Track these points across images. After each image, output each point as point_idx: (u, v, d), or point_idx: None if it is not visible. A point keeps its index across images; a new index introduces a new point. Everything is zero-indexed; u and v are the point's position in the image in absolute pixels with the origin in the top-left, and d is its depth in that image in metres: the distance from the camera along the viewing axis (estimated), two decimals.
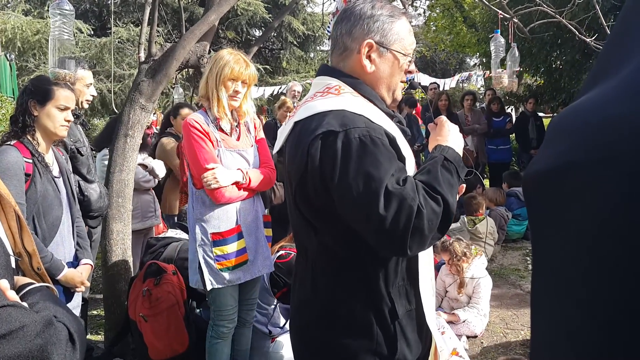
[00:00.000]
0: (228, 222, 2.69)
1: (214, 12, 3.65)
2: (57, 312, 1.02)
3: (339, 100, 1.47)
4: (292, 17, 12.29)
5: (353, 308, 1.47)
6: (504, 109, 8.54)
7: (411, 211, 1.30)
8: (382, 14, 1.52)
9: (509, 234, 6.24)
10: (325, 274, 1.51)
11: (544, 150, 0.61)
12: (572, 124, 0.58)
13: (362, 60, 1.53)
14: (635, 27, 0.59)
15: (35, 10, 10.77)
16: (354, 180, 1.33)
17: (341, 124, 1.38)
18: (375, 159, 1.35)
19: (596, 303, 0.51)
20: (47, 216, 2.46)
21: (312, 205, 1.47)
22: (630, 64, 0.55)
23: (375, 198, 1.31)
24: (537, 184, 0.61)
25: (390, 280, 1.48)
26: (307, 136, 1.43)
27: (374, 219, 1.31)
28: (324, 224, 1.48)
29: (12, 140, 2.45)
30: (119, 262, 3.47)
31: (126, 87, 8.84)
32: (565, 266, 0.56)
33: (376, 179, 1.32)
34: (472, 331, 3.80)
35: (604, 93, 0.56)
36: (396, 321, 1.47)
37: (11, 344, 0.88)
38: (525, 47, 8.06)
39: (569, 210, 0.55)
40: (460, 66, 22.22)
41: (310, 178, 1.41)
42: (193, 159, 2.65)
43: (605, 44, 0.64)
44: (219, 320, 2.79)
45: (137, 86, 3.51)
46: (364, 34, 1.51)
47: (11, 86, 7.13)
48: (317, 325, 1.53)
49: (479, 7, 11.64)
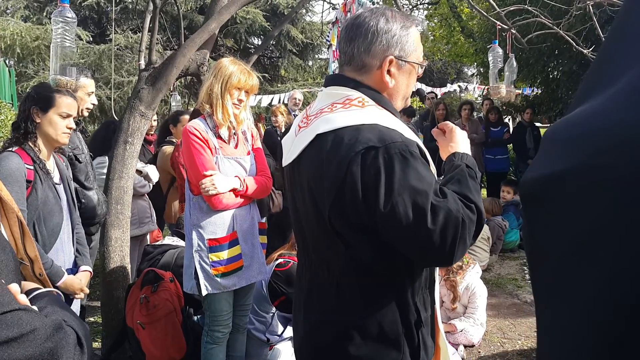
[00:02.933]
0: (224, 228, 2.72)
1: (214, 20, 3.66)
2: (65, 317, 1.04)
3: (367, 113, 1.44)
4: (291, 26, 12.33)
5: (382, 321, 1.46)
6: (501, 119, 8.57)
7: (458, 223, 1.33)
8: (397, 27, 1.50)
9: (505, 244, 6.26)
10: (352, 289, 1.49)
11: (540, 159, 0.62)
12: (567, 134, 0.59)
13: (384, 76, 1.51)
14: (625, 42, 0.61)
15: (35, 16, 10.78)
16: (400, 197, 1.33)
17: (379, 139, 1.37)
18: (418, 173, 1.35)
19: (597, 308, 0.52)
20: (48, 222, 2.47)
21: (348, 220, 1.43)
22: (623, 77, 0.57)
23: (423, 213, 1.32)
24: (534, 190, 0.62)
25: (416, 291, 1.50)
26: (344, 151, 1.39)
27: (423, 233, 1.32)
28: (358, 240, 1.45)
29: (14, 146, 2.46)
30: (117, 269, 3.47)
31: (125, 94, 8.85)
32: (562, 272, 0.57)
33: (422, 194, 1.33)
34: (470, 340, 3.80)
35: (597, 105, 0.57)
36: (420, 330, 1.49)
37: (22, 347, 0.89)
38: (523, 58, 8.12)
39: (567, 216, 0.56)
40: (458, 76, 22.30)
41: (349, 194, 1.38)
42: (192, 165, 2.68)
43: (596, 58, 0.65)
44: (214, 326, 2.81)
45: (137, 93, 3.52)
46: (383, 50, 1.49)
47: (10, 92, 7.13)
48: (344, 340, 1.49)
49: (477, 17, 11.71)
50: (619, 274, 0.49)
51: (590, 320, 0.52)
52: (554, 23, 4.74)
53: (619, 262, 0.49)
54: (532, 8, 4.79)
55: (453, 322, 3.82)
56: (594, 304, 0.52)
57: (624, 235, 0.49)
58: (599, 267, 0.51)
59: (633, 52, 0.58)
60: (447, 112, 8.08)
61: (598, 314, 0.52)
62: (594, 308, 0.52)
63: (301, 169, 1.56)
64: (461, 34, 14.56)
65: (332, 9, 7.09)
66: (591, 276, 0.52)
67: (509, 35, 4.74)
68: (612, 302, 0.50)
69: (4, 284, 0.96)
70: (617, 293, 0.50)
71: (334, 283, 1.51)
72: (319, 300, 1.56)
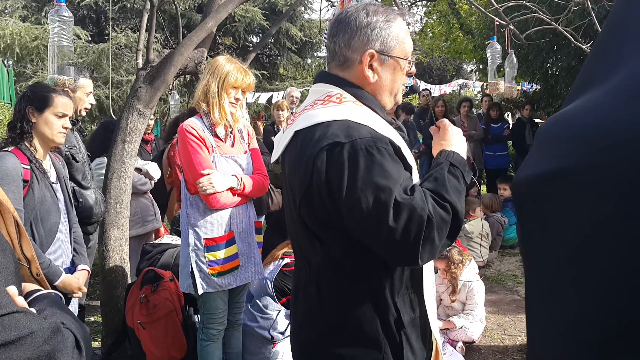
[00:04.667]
0: (221, 227, 2.73)
1: (212, 18, 3.66)
2: (64, 319, 1.03)
3: (342, 109, 1.44)
4: (290, 24, 12.32)
5: (360, 320, 1.45)
6: (502, 116, 8.57)
7: (422, 221, 1.30)
8: (378, 20, 1.48)
9: (505, 240, 6.25)
10: (330, 287, 1.48)
11: (534, 156, 0.61)
12: (564, 130, 0.57)
13: (364, 71, 1.49)
14: (621, 36, 0.60)
15: (33, 16, 10.76)
16: (363, 192, 1.31)
17: (346, 135, 1.35)
18: (383, 169, 1.33)
19: (590, 303, 0.52)
20: (45, 222, 2.46)
21: (318, 217, 1.43)
22: (620, 71, 0.55)
23: (385, 210, 1.29)
24: (529, 189, 0.61)
25: (395, 290, 1.46)
26: (311, 147, 1.39)
27: (384, 231, 1.30)
28: (330, 236, 1.45)
29: (10, 146, 2.45)
30: (116, 268, 3.46)
31: (124, 94, 8.83)
32: (557, 269, 0.56)
33: (385, 190, 1.30)
34: (469, 337, 3.79)
35: (595, 100, 0.56)
36: (402, 330, 1.46)
37: (20, 350, 0.89)
38: (522, 54, 8.11)
39: (563, 217, 0.55)
40: (458, 72, 22.28)
41: (316, 191, 1.38)
42: (188, 164, 2.68)
43: (591, 52, 0.64)
44: (209, 323, 2.83)
45: (135, 92, 3.51)
46: (363, 44, 1.48)
47: (9, 92, 7.13)
48: (325, 339, 1.49)
49: (476, 14, 11.70)
50: (619, 271, 0.49)
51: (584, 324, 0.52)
52: (553, 19, 4.73)
53: (618, 258, 0.49)
54: (531, 4, 4.79)
55: (451, 319, 3.81)
56: (587, 308, 0.52)
57: (622, 240, 0.49)
58: (598, 265, 0.51)
59: (631, 42, 0.57)
60: (446, 109, 8.08)
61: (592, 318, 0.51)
62: (588, 311, 0.52)
63: (284, 166, 1.58)
64: (460, 31, 14.54)
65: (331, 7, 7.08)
66: (587, 282, 0.52)
67: (507, 31, 4.73)
68: (606, 306, 0.50)
69: (2, 287, 0.96)
70: (613, 298, 0.49)
71: (314, 281, 1.51)
72: (304, 299, 1.56)
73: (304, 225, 1.48)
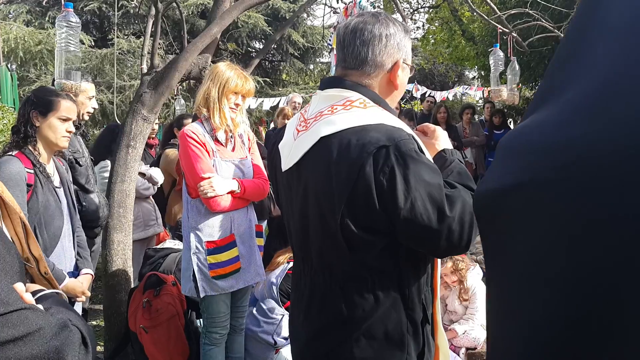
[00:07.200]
0: (222, 230, 2.76)
1: (216, 24, 3.67)
2: (70, 316, 1.04)
3: (371, 114, 1.45)
4: (292, 30, 12.34)
5: (387, 323, 1.46)
6: (505, 122, 8.59)
7: (471, 210, 1.37)
8: (400, 31, 1.54)
9: None
10: (358, 293, 1.47)
11: (495, 169, 0.62)
12: (524, 144, 0.58)
13: (394, 79, 1.55)
14: (579, 48, 0.60)
15: (37, 20, 10.82)
16: (417, 192, 1.35)
17: (388, 138, 1.38)
18: (428, 167, 1.40)
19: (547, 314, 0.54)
20: (49, 226, 2.47)
21: (359, 223, 1.42)
22: (577, 85, 0.55)
23: (442, 203, 1.37)
24: (489, 202, 0.61)
25: (421, 290, 1.50)
26: (355, 153, 1.38)
27: (445, 224, 1.36)
28: (366, 241, 1.44)
29: (14, 150, 2.46)
30: (119, 272, 3.47)
31: (127, 98, 8.87)
32: (516, 281, 0.58)
33: (436, 186, 1.38)
34: (473, 343, 3.78)
35: (553, 115, 0.56)
36: (424, 327, 1.51)
37: (28, 345, 0.90)
38: (524, 61, 8.13)
39: (521, 227, 0.56)
40: (460, 79, 22.31)
41: (363, 195, 1.38)
42: (189, 168, 2.71)
43: (551, 63, 0.63)
44: (212, 327, 2.85)
45: (140, 97, 3.53)
46: (393, 54, 1.52)
47: (12, 96, 7.14)
48: (349, 346, 1.48)
49: (478, 21, 11.72)
50: (575, 284, 0.50)
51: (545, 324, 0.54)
52: (555, 26, 4.75)
53: (575, 272, 0.50)
54: (533, 11, 4.81)
55: (453, 326, 3.80)
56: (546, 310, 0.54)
57: (577, 251, 0.50)
58: (555, 277, 0.52)
59: (592, 51, 0.56)
60: (449, 115, 8.10)
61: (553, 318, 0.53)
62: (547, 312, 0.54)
63: (302, 173, 1.54)
64: (462, 38, 14.55)
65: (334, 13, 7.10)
66: (546, 286, 0.53)
67: (510, 39, 4.74)
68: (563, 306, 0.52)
69: (10, 284, 0.97)
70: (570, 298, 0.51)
71: (337, 287, 1.49)
72: (322, 306, 1.53)
73: (335, 231, 1.45)
